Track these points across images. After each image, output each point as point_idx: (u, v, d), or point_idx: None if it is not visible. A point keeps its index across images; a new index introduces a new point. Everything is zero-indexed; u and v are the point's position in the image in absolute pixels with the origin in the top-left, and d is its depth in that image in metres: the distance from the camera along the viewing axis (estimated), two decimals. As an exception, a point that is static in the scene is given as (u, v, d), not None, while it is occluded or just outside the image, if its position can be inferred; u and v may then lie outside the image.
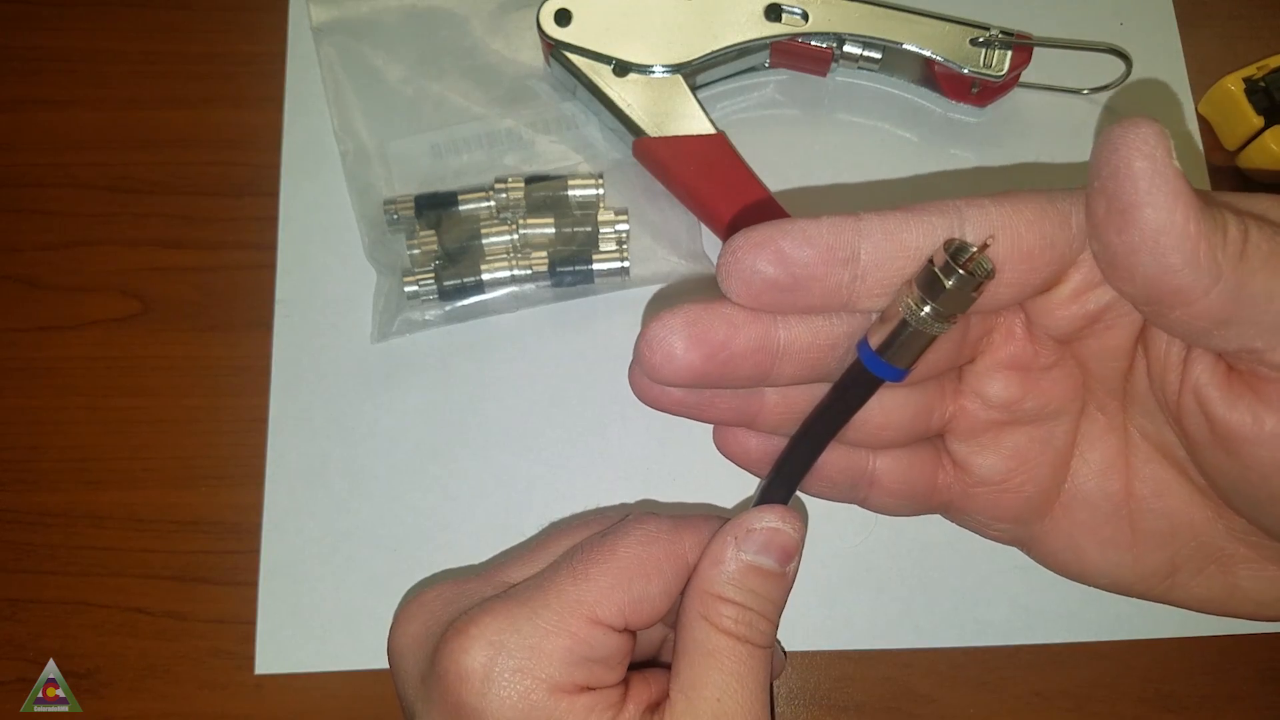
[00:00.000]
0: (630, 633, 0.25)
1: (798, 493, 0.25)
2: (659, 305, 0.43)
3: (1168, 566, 0.25)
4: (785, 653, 0.39)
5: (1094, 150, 0.19)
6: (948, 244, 0.20)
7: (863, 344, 0.22)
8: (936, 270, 0.20)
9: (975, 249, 0.20)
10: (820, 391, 0.24)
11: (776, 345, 0.22)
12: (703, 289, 0.44)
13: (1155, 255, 0.19)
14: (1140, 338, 0.22)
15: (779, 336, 0.22)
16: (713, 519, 0.26)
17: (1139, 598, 0.26)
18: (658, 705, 0.24)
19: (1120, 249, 0.19)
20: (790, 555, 0.25)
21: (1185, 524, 0.24)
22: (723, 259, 0.21)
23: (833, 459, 0.25)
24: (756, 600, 0.24)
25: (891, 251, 0.20)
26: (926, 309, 0.20)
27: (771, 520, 0.24)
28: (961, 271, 0.19)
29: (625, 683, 0.25)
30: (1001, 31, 0.43)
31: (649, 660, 0.29)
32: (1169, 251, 0.18)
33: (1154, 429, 0.24)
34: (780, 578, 0.25)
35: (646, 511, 0.26)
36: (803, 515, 0.27)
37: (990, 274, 0.20)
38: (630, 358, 0.45)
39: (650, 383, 0.23)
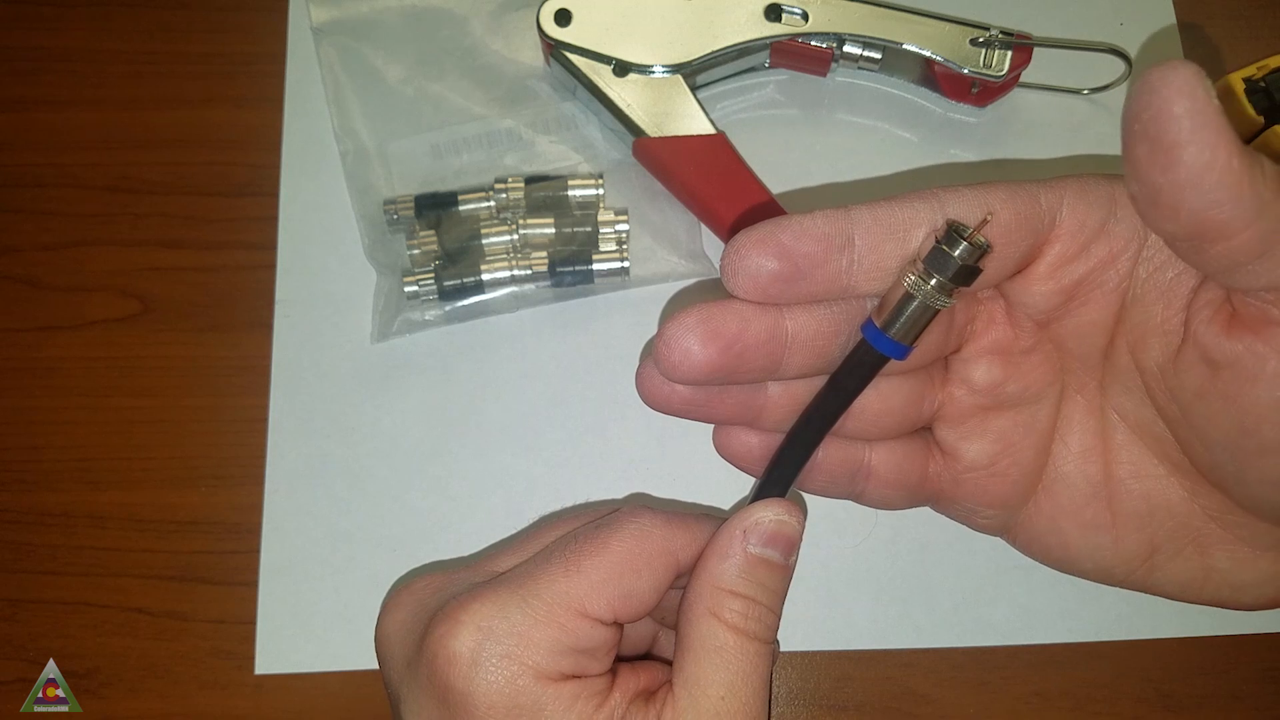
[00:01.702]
0: (618, 625, 0.25)
1: (796, 488, 0.26)
2: (671, 310, 0.44)
3: (1147, 548, 0.26)
4: (779, 645, 0.39)
5: (1131, 96, 0.20)
6: (949, 223, 0.21)
7: (868, 324, 0.23)
8: (942, 244, 0.21)
9: (973, 227, 0.21)
10: (822, 383, 0.24)
11: (785, 335, 0.23)
12: (708, 294, 0.44)
13: (1200, 192, 0.19)
14: (1121, 312, 0.24)
15: (787, 327, 0.23)
16: (705, 518, 0.26)
17: (1121, 585, 0.26)
18: (649, 695, 0.25)
19: (1165, 187, 0.20)
20: (793, 547, 0.25)
21: (1162, 504, 0.25)
22: (727, 258, 0.22)
23: (831, 453, 0.26)
24: (764, 593, 0.25)
25: (882, 235, 0.22)
26: (932, 282, 0.21)
27: (777, 512, 0.25)
28: (965, 243, 0.21)
29: (612, 672, 0.25)
30: (1001, 31, 0.43)
31: (641, 656, 0.29)
32: (1214, 188, 0.19)
33: (1133, 407, 0.25)
34: (784, 570, 0.25)
35: (640, 505, 0.26)
36: (802, 508, 0.27)
37: (988, 248, 0.21)
38: (629, 358, 0.45)
39: (660, 385, 0.24)
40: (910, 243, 0.22)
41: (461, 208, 0.43)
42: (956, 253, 0.21)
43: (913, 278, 0.22)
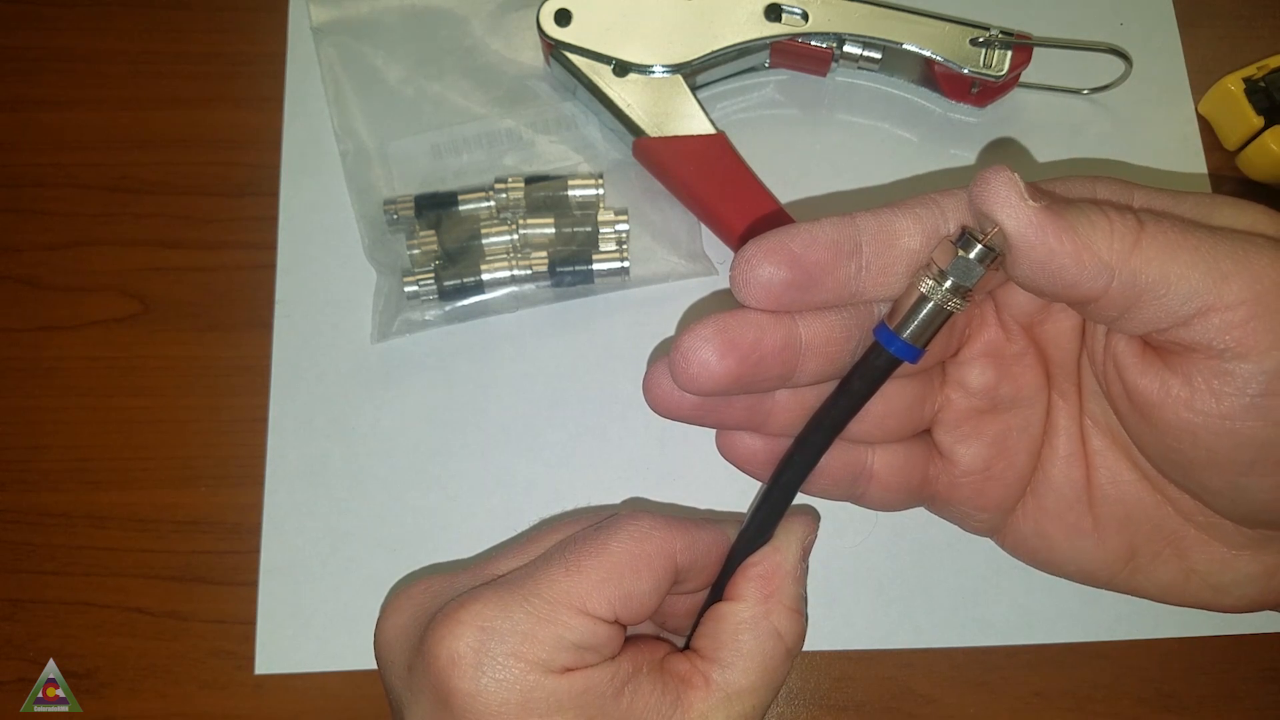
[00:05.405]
0: (620, 625, 0.25)
1: (802, 494, 0.26)
2: (686, 322, 0.44)
3: (1127, 551, 0.26)
4: None
5: (970, 211, 0.22)
6: (964, 228, 0.22)
7: (881, 327, 0.23)
8: (958, 248, 0.21)
9: (986, 234, 0.22)
10: (830, 389, 0.24)
11: (799, 343, 0.23)
12: (722, 305, 0.44)
13: (1049, 276, 0.21)
14: (1083, 322, 0.25)
15: (800, 334, 0.23)
16: (702, 522, 0.26)
17: (1105, 587, 0.27)
18: (668, 671, 0.25)
19: (1023, 280, 0.22)
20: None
21: (1138, 508, 0.26)
22: (737, 269, 0.22)
23: (835, 457, 0.26)
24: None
25: (887, 240, 0.22)
26: (947, 284, 0.22)
27: (812, 531, 0.27)
28: (981, 246, 0.21)
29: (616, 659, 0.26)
30: (1001, 31, 0.43)
31: None
32: (1058, 270, 0.21)
33: (1101, 414, 0.26)
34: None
35: (639, 509, 0.26)
36: (815, 516, 0.28)
37: (1001, 252, 0.22)
38: (630, 358, 0.45)
39: (669, 392, 0.24)
40: (913, 247, 0.22)
41: (461, 208, 0.43)
42: (972, 255, 0.21)
43: (929, 282, 0.22)
